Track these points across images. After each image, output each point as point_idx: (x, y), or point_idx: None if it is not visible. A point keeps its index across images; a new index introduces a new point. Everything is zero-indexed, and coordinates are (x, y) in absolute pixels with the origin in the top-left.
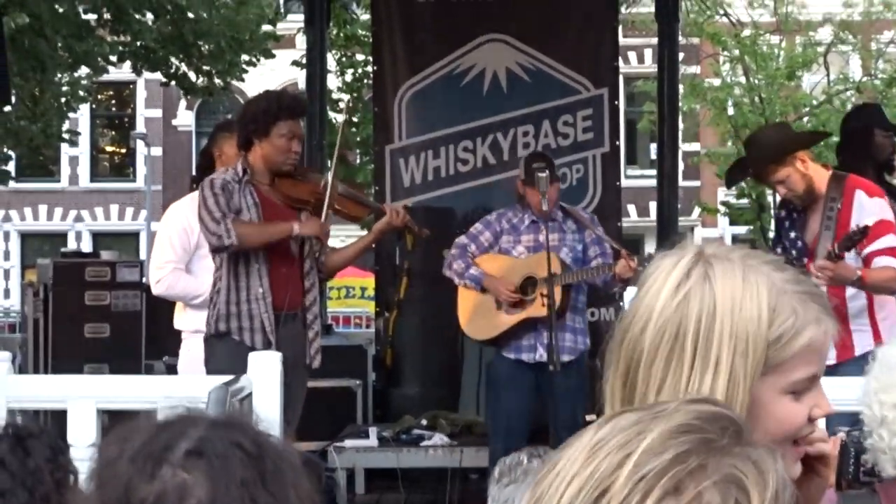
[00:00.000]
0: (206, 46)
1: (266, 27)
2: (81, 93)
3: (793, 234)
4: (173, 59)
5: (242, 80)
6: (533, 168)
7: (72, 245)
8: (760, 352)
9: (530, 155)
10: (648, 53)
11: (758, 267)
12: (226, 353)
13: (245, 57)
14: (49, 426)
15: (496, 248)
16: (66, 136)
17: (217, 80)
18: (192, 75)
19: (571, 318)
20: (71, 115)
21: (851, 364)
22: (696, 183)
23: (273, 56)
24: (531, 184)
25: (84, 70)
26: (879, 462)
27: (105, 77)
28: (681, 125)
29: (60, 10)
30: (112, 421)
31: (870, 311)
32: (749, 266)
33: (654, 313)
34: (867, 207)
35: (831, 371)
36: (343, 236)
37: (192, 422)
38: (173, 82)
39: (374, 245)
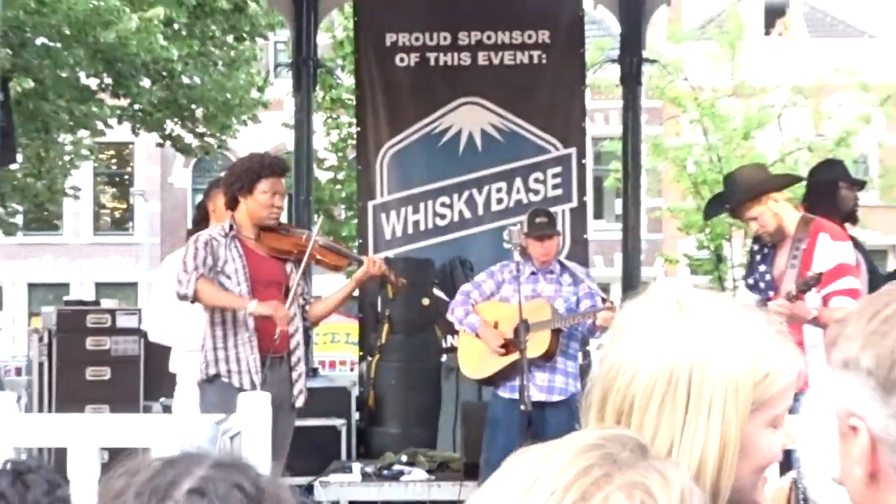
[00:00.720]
0: (199, 110)
1: (255, 94)
2: (84, 152)
3: (762, 268)
4: (168, 122)
5: (234, 139)
6: (535, 223)
7: (74, 294)
8: (749, 392)
9: (533, 210)
10: (614, 115)
11: (735, 311)
12: (217, 395)
13: (235, 120)
14: (51, 463)
15: (497, 296)
16: (69, 191)
17: (210, 141)
18: (186, 136)
19: (562, 361)
20: (74, 172)
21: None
22: (659, 236)
23: (260, 122)
24: (532, 237)
25: (85, 134)
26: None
27: (106, 138)
28: (644, 182)
29: (63, 74)
30: (112, 458)
31: (816, 353)
32: (728, 310)
33: (644, 363)
34: (829, 250)
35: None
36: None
37: (196, 460)
38: (168, 143)
39: (355, 293)
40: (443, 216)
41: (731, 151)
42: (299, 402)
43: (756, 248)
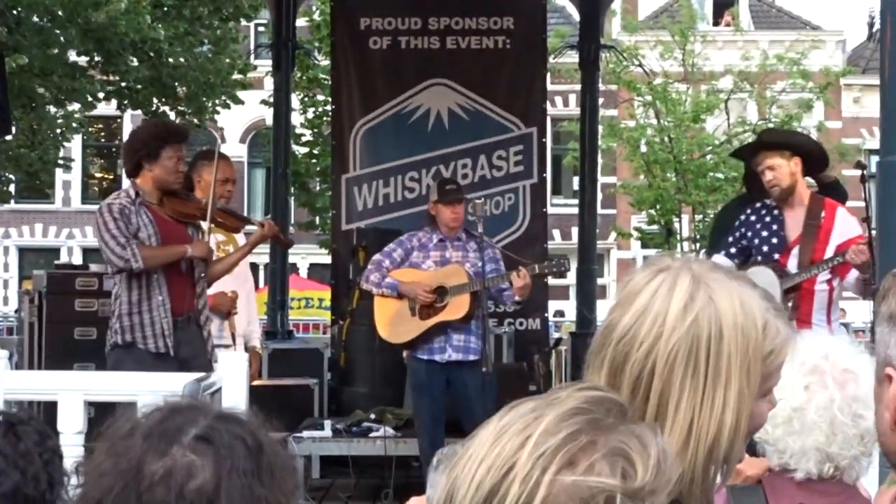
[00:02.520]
0: (182, 89)
1: (237, 76)
2: (74, 125)
3: (774, 227)
4: (154, 100)
5: (214, 119)
6: (445, 189)
7: (64, 258)
8: (759, 367)
9: (441, 180)
10: (573, 98)
11: (744, 287)
12: (133, 361)
13: (216, 101)
14: (40, 416)
15: (407, 263)
16: (61, 162)
17: (193, 118)
18: (170, 113)
19: (474, 323)
20: (65, 144)
21: None
22: (613, 211)
23: (241, 102)
24: (443, 203)
25: (76, 105)
26: (766, 454)
27: (95, 112)
28: (600, 161)
29: (55, 52)
30: (98, 412)
31: (828, 310)
32: (740, 287)
33: (665, 332)
34: (850, 223)
35: None
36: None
37: (200, 411)
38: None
39: (249, 253)
40: (411, 190)
41: (681, 133)
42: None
43: (756, 216)
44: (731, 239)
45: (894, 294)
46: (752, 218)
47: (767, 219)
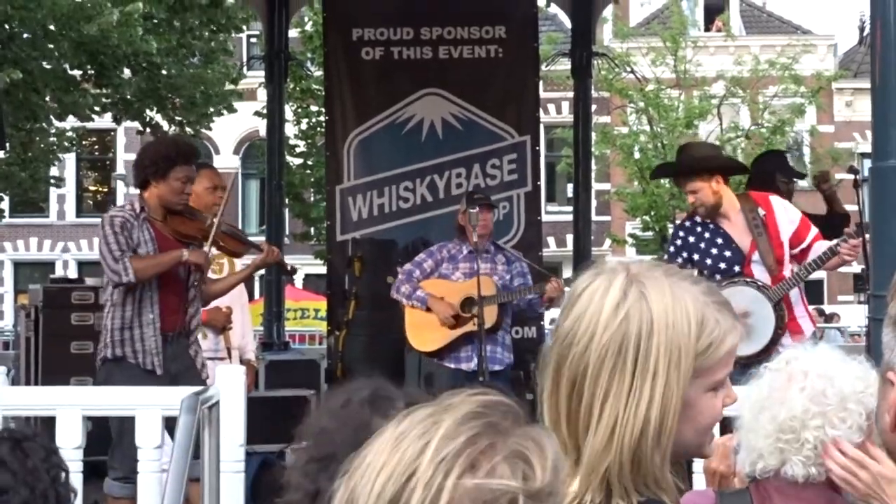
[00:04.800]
0: (178, 100)
1: (230, 86)
2: (66, 143)
3: (719, 242)
4: (148, 112)
5: (210, 128)
6: (474, 198)
7: (59, 272)
8: (691, 361)
9: (469, 192)
10: (566, 105)
11: (681, 283)
12: (124, 376)
13: (212, 109)
14: (37, 429)
15: (436, 273)
16: (52, 181)
17: (188, 129)
18: (164, 124)
19: (501, 334)
20: (57, 161)
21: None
22: (607, 217)
23: (235, 111)
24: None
25: (70, 122)
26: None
27: (90, 125)
28: (593, 167)
29: (49, 66)
30: (95, 426)
31: (802, 299)
32: (675, 283)
33: (598, 331)
34: (788, 208)
35: None
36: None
37: (394, 391)
38: (148, 130)
39: (250, 277)
40: (406, 199)
41: (674, 139)
42: (210, 379)
43: (693, 236)
44: (676, 255)
45: None
46: (691, 239)
47: (707, 234)
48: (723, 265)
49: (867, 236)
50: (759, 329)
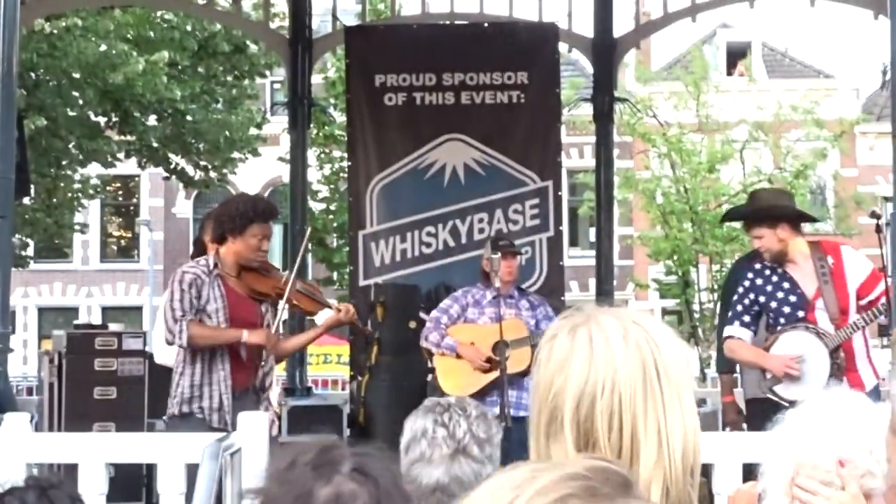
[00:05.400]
0: (202, 145)
1: (254, 130)
2: (91, 190)
3: (785, 287)
4: (172, 156)
5: (234, 173)
6: (499, 244)
7: (83, 318)
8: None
9: (493, 238)
10: (588, 150)
11: (664, 326)
12: (190, 430)
13: (236, 154)
14: (60, 473)
15: (462, 318)
16: (77, 227)
17: (212, 174)
18: (189, 170)
19: (527, 379)
20: (81, 208)
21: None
22: (630, 262)
23: (259, 155)
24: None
25: (94, 168)
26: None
27: (114, 171)
28: (616, 212)
29: (73, 113)
30: (118, 473)
31: (867, 351)
32: (663, 326)
33: (619, 369)
34: (858, 259)
35: None
36: None
37: (343, 448)
38: (173, 176)
39: (321, 336)
40: (428, 245)
41: (696, 184)
42: (274, 432)
43: (761, 279)
44: (740, 308)
45: None
46: (759, 282)
47: (774, 278)
48: (787, 309)
49: (889, 281)
50: (812, 374)
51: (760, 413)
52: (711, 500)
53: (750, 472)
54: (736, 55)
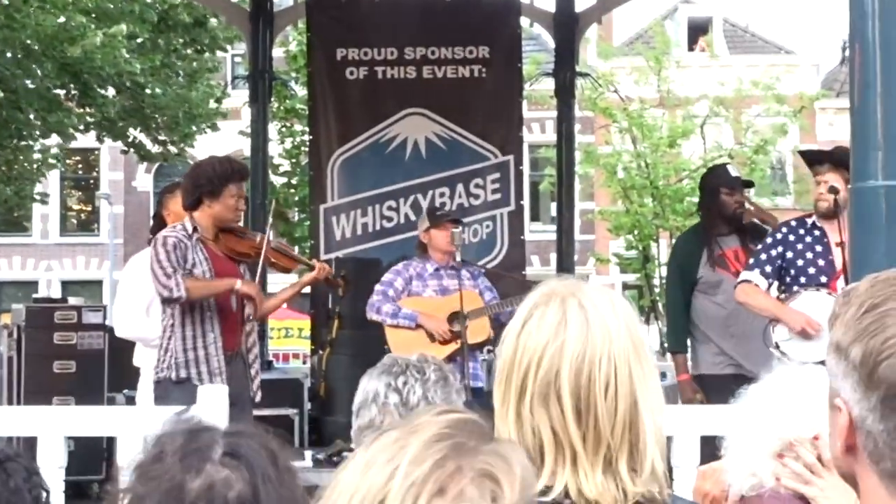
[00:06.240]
0: (162, 119)
1: (214, 104)
2: (51, 160)
3: (818, 250)
4: (132, 130)
5: (193, 146)
6: (437, 214)
7: (42, 292)
8: None
9: (430, 207)
10: (549, 125)
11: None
12: (184, 396)
13: (195, 129)
14: (19, 447)
15: (406, 291)
16: (37, 197)
17: (171, 148)
18: (148, 144)
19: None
20: (42, 179)
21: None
22: (591, 237)
23: (219, 130)
24: (436, 226)
25: (54, 140)
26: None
27: (73, 144)
28: (577, 187)
29: (33, 85)
30: (77, 447)
31: None
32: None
33: (613, 332)
34: None
35: None
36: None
37: (214, 430)
38: (131, 150)
39: (300, 293)
40: (389, 219)
41: (657, 159)
42: (257, 398)
43: (791, 233)
44: (764, 257)
45: (841, 323)
46: (791, 238)
47: (808, 239)
48: (812, 270)
49: (846, 256)
50: (824, 340)
51: (719, 388)
52: (670, 473)
53: (706, 445)
54: (697, 31)
